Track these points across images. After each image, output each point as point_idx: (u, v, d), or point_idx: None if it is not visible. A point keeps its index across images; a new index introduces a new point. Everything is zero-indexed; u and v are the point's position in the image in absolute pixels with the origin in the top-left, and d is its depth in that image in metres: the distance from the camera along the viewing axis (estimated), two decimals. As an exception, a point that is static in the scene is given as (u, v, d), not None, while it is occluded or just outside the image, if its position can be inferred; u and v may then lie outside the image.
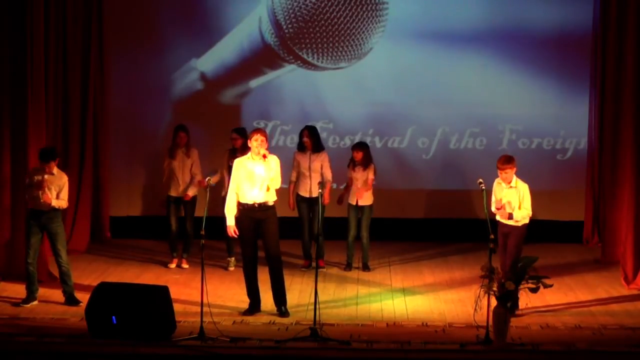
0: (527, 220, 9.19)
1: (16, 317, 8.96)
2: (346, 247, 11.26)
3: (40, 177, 9.31)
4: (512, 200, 9.16)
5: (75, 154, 12.15)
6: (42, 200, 9.24)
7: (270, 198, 9.14)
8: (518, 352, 8.03)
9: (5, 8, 10.29)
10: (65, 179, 9.47)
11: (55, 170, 9.40)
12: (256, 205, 9.10)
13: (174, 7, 12.90)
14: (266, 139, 9.11)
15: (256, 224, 9.12)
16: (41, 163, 9.36)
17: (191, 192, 11.18)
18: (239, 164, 9.19)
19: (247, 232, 9.15)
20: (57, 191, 9.35)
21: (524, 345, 8.13)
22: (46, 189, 9.26)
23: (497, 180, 9.32)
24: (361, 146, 11.24)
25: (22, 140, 10.29)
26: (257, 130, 9.22)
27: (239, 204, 9.16)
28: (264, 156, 9.01)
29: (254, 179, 9.07)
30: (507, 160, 9.19)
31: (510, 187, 9.19)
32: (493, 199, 9.34)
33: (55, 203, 9.31)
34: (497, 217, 9.26)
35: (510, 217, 9.13)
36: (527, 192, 9.19)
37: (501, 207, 9.18)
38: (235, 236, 9.25)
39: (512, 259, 8.96)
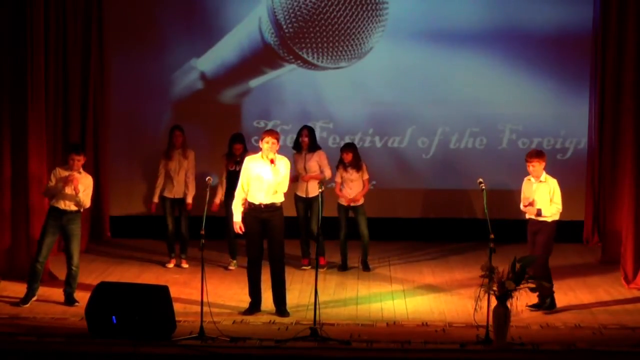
0: (557, 217, 9.23)
1: (16, 317, 8.95)
2: (340, 248, 11.24)
3: (67, 174, 9.33)
4: (543, 195, 9.19)
5: (75, 154, 12.14)
6: (69, 191, 9.23)
7: (278, 199, 9.14)
8: (518, 351, 8.03)
9: (6, 8, 10.29)
10: (90, 180, 9.51)
11: (81, 170, 9.42)
12: (262, 206, 9.10)
13: (174, 7, 12.90)
14: (277, 141, 9.07)
15: (262, 224, 9.12)
16: (75, 154, 9.36)
17: (190, 200, 11.20)
18: (248, 163, 9.18)
19: (253, 231, 9.15)
20: (82, 189, 9.37)
21: (524, 345, 8.13)
22: (76, 180, 9.26)
23: (527, 178, 9.38)
24: (350, 147, 11.22)
25: (22, 140, 10.29)
26: (269, 132, 9.16)
27: (246, 202, 9.16)
28: (272, 161, 9.00)
29: (261, 182, 9.06)
30: (536, 153, 9.31)
31: (540, 181, 9.24)
32: (522, 197, 9.37)
33: (81, 195, 9.31)
34: (526, 215, 9.27)
35: (539, 213, 9.14)
36: (557, 187, 9.29)
37: (530, 204, 9.19)
38: (241, 232, 9.24)
39: (541, 254, 9.03)
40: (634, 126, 10.46)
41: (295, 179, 11.14)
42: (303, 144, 11.16)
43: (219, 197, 11.16)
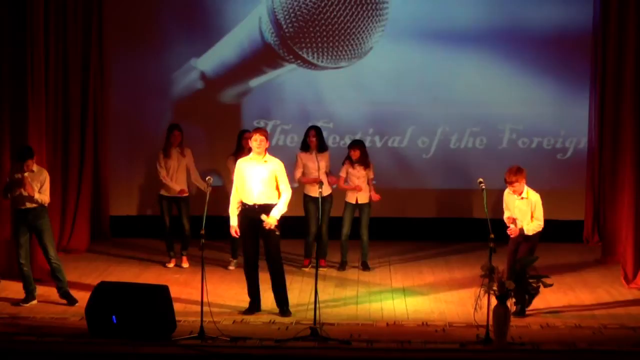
0: (539, 230, 9.17)
1: (16, 316, 8.96)
2: (340, 246, 11.23)
3: (19, 175, 9.34)
4: (524, 211, 9.11)
5: (75, 153, 12.15)
6: (25, 194, 9.26)
7: (272, 199, 9.14)
8: (518, 351, 8.03)
9: (6, 8, 10.29)
10: (45, 174, 9.50)
11: (34, 167, 9.42)
12: (256, 206, 9.10)
13: (174, 6, 12.90)
14: (266, 138, 9.09)
15: (257, 224, 9.11)
16: (18, 162, 9.38)
17: (186, 188, 11.17)
18: (240, 164, 9.20)
19: (248, 231, 9.15)
20: (39, 187, 9.37)
21: (524, 345, 8.13)
22: (27, 184, 9.27)
23: (507, 191, 9.26)
24: (359, 144, 11.23)
25: (22, 140, 10.28)
26: (257, 130, 9.21)
27: (241, 204, 9.16)
28: (259, 153, 9.00)
29: (254, 181, 9.06)
30: (515, 172, 9.05)
31: (522, 198, 9.13)
32: (504, 207, 9.31)
33: (37, 196, 9.32)
34: (508, 232, 9.20)
35: (521, 232, 9.10)
36: (539, 203, 9.11)
37: (512, 222, 9.13)
38: (237, 236, 9.25)
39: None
40: (634, 126, 10.46)
41: (315, 180, 10.93)
42: (311, 144, 11.13)
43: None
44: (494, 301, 8.17)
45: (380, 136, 12.91)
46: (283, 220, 9.24)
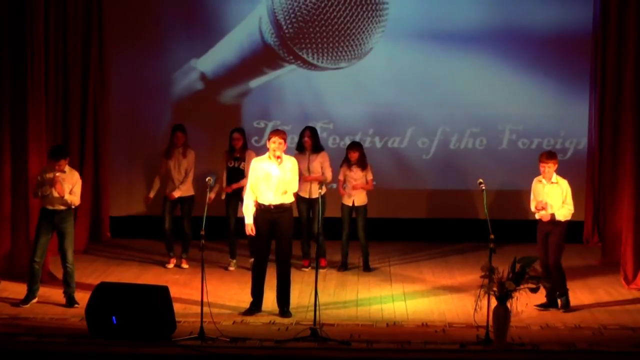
0: (569, 217, 9.24)
1: (16, 317, 8.96)
2: (340, 247, 11.25)
3: (51, 175, 9.33)
4: (555, 197, 9.19)
5: (75, 154, 12.12)
6: (55, 193, 9.26)
7: (287, 199, 9.15)
8: (518, 352, 8.04)
9: (5, 8, 10.29)
10: (77, 176, 9.52)
11: (66, 168, 9.42)
12: (272, 206, 9.10)
13: (174, 7, 12.90)
14: (284, 141, 9.10)
15: (271, 224, 9.13)
16: (51, 160, 9.39)
17: (177, 194, 11.15)
18: (255, 164, 9.21)
19: (262, 232, 9.15)
20: (70, 188, 9.38)
21: (524, 345, 8.14)
22: (58, 184, 9.27)
23: (536, 179, 9.36)
24: (358, 146, 11.24)
25: (22, 140, 10.29)
26: (275, 132, 9.20)
27: (256, 204, 9.16)
28: (278, 157, 9.02)
29: (270, 181, 9.07)
30: (550, 155, 9.33)
31: (552, 183, 9.25)
32: (532, 198, 9.37)
33: (68, 197, 9.33)
34: (537, 217, 9.26)
35: (552, 217, 9.14)
36: (569, 188, 9.31)
37: (543, 207, 9.18)
38: (253, 235, 9.24)
39: (555, 255, 9.20)
40: (633, 126, 10.45)
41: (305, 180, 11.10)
42: (306, 144, 11.16)
43: (215, 192, 11.05)
44: (494, 302, 8.17)
45: (380, 137, 12.90)
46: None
